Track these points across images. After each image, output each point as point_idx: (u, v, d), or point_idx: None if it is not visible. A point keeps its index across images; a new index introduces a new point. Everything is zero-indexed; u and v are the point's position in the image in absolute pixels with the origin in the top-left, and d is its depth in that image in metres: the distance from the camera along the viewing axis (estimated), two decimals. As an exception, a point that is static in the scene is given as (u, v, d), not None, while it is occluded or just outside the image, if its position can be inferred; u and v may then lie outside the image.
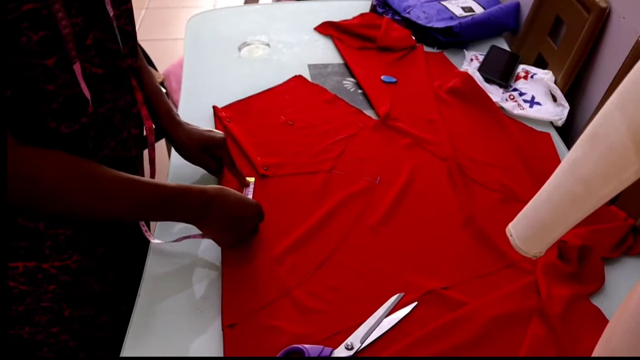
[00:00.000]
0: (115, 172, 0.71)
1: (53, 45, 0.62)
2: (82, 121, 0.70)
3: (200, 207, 0.77)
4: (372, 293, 0.82)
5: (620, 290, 0.84)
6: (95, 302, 0.85)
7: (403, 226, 0.92)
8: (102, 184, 0.70)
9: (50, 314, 0.80)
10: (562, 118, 1.14)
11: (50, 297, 0.79)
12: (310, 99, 1.17)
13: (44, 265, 0.76)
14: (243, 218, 0.83)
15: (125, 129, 0.79)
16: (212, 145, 0.94)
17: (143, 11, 3.05)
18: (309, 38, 1.37)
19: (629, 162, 0.51)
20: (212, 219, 0.79)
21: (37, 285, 0.77)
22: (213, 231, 0.81)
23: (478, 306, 0.79)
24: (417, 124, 1.12)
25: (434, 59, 1.31)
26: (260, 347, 0.74)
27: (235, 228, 0.82)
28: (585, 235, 0.88)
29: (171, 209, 0.76)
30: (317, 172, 1.00)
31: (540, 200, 0.61)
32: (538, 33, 1.31)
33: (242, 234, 0.84)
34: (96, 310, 0.85)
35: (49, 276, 0.78)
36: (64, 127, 0.69)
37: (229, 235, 0.83)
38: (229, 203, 0.80)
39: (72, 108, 0.68)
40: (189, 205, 0.77)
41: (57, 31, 0.62)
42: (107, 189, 0.70)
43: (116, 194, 0.71)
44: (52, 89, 0.65)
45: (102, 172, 0.70)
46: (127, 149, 0.81)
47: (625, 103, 0.50)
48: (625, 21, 1.05)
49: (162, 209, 0.76)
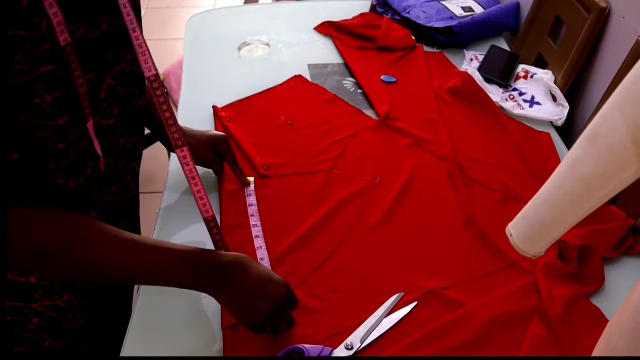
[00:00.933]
0: (113, 234, 0.65)
1: (66, 105, 0.60)
2: (88, 174, 0.67)
3: (211, 278, 0.68)
4: (372, 293, 0.81)
5: (620, 290, 0.84)
6: (77, 335, 0.82)
7: (403, 226, 0.92)
8: (96, 249, 0.63)
9: (30, 345, 0.78)
10: (562, 118, 1.14)
11: (33, 329, 0.77)
12: (310, 99, 1.17)
13: (32, 305, 0.74)
14: (264, 296, 0.69)
15: (129, 171, 0.77)
16: (217, 144, 0.93)
17: (143, 11, 3.05)
18: (309, 38, 1.37)
19: (629, 162, 0.51)
20: (227, 292, 0.69)
21: (22, 318, 0.75)
22: (228, 304, 0.70)
23: (478, 306, 0.79)
24: (417, 124, 1.12)
25: (434, 59, 1.31)
26: (260, 347, 0.74)
27: (250, 306, 0.69)
28: (585, 235, 0.88)
29: (176, 276, 0.67)
30: (317, 172, 1.00)
31: (540, 200, 0.61)
32: (538, 33, 1.31)
33: (258, 316, 0.69)
34: (75, 341, 0.82)
35: (35, 312, 0.75)
36: (71, 182, 0.65)
37: (245, 313, 0.70)
38: (248, 275, 0.69)
39: (81, 163, 0.65)
40: (198, 275, 0.68)
41: (71, 90, 0.59)
42: (103, 255, 0.64)
43: (113, 260, 0.64)
44: (62, 147, 0.62)
45: (98, 234, 0.64)
46: (129, 191, 0.79)
47: (625, 103, 0.50)
48: (625, 21, 1.05)
49: (165, 276, 0.67)
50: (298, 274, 0.83)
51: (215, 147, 0.93)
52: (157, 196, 1.00)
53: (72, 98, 0.60)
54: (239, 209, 0.92)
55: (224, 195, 0.94)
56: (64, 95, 0.59)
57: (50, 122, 0.59)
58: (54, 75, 0.57)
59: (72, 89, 0.60)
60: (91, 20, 0.61)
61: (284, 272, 0.83)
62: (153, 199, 1.83)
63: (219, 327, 0.76)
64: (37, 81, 0.56)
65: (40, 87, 0.57)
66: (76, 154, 0.64)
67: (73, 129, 0.62)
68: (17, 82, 0.55)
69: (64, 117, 0.60)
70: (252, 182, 0.96)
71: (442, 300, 0.81)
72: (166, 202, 0.94)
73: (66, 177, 0.65)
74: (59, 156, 0.63)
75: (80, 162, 0.65)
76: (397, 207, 0.95)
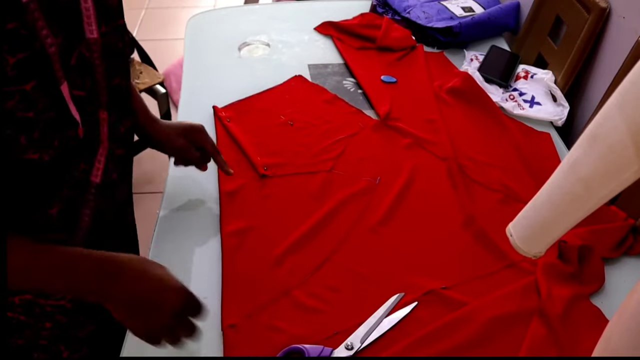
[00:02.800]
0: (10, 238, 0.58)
1: (33, 68, 0.55)
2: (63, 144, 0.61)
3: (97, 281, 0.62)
4: (372, 293, 0.82)
5: (620, 290, 0.84)
6: (92, 343, 0.81)
7: (403, 226, 0.92)
8: None
9: (48, 353, 0.76)
10: (562, 118, 1.14)
11: (48, 334, 0.76)
12: (310, 99, 1.17)
13: (40, 300, 0.73)
14: (160, 306, 0.63)
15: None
16: (192, 131, 0.89)
17: (143, 11, 3.05)
18: (309, 38, 1.37)
19: (629, 162, 0.51)
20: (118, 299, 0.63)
21: (35, 319, 0.74)
22: (122, 315, 0.64)
23: (478, 306, 0.79)
24: (417, 124, 1.12)
25: (434, 59, 1.31)
26: (260, 347, 0.74)
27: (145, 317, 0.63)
28: (585, 235, 0.88)
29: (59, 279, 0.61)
30: (317, 172, 1.00)
31: (540, 200, 0.61)
32: (538, 33, 1.31)
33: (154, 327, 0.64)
34: (92, 351, 0.81)
35: (45, 313, 0.74)
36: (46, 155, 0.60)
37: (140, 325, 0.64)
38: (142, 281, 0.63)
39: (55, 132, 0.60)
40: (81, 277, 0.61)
41: (36, 52, 0.54)
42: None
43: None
44: (32, 116, 0.57)
45: None
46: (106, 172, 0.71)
47: (625, 103, 0.50)
48: (625, 21, 1.05)
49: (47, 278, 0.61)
50: (298, 274, 0.83)
51: (189, 135, 0.89)
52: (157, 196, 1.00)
53: (39, 60, 0.55)
54: (239, 209, 0.92)
55: (223, 196, 0.94)
56: (29, 56, 0.54)
57: (16, 88, 0.54)
58: (16, 33, 0.52)
59: (39, 51, 0.55)
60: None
61: (284, 272, 0.83)
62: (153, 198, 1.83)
63: (219, 327, 0.76)
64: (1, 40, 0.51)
65: (3, 47, 0.51)
66: (48, 123, 0.59)
67: (42, 96, 0.57)
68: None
69: (31, 81, 0.55)
70: None
71: (442, 300, 0.81)
72: (166, 202, 0.94)
73: (40, 150, 0.59)
74: (29, 127, 0.57)
75: (54, 131, 0.60)
76: (397, 207, 0.95)
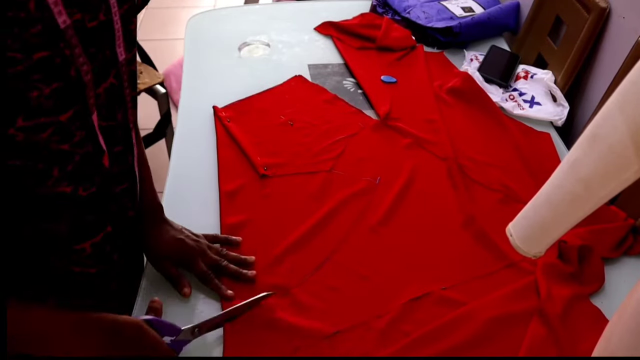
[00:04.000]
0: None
1: (67, 98, 0.54)
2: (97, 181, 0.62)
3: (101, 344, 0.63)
4: (372, 293, 0.82)
5: (620, 290, 0.84)
6: None
7: (403, 226, 0.92)
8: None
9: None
10: (562, 118, 1.14)
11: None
12: (310, 99, 1.17)
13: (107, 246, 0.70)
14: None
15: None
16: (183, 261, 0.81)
17: (143, 11, 3.05)
18: (309, 38, 1.37)
19: (629, 162, 0.51)
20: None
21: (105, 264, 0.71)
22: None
23: (478, 306, 0.79)
24: (417, 124, 1.12)
25: (434, 59, 1.31)
26: (260, 346, 0.74)
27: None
28: (585, 235, 0.88)
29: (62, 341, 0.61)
30: (317, 172, 1.00)
31: (540, 200, 0.61)
32: (538, 33, 1.31)
33: None
34: None
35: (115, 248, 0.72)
36: (81, 189, 0.61)
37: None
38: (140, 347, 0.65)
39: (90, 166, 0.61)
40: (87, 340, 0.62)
41: (70, 81, 0.54)
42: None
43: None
44: (67, 149, 0.57)
45: None
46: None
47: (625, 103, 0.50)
48: (625, 21, 1.05)
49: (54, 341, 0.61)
50: (298, 273, 0.83)
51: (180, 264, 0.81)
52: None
53: (74, 90, 0.55)
54: (239, 209, 0.92)
55: (223, 196, 0.94)
56: (64, 86, 0.53)
57: (51, 119, 0.54)
58: (50, 62, 0.51)
59: (74, 79, 0.54)
60: (89, 7, 0.55)
61: (284, 272, 0.83)
62: (153, 199, 1.84)
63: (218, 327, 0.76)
64: (32, 70, 0.50)
65: (36, 77, 0.50)
66: (83, 157, 0.59)
67: (77, 128, 0.57)
68: (12, 72, 0.49)
69: (67, 112, 0.54)
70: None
71: (442, 300, 0.81)
72: (166, 202, 0.94)
73: (74, 184, 0.60)
74: (63, 160, 0.57)
75: (90, 166, 0.60)
76: (397, 207, 0.95)
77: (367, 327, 0.77)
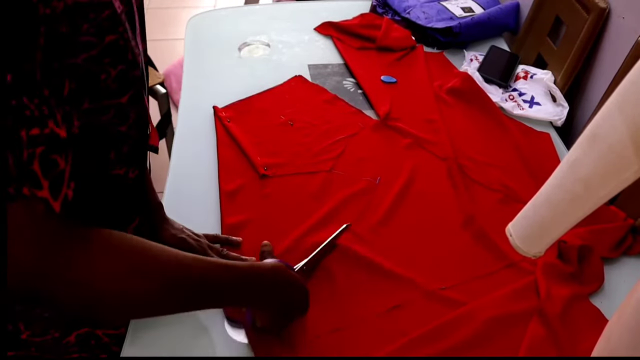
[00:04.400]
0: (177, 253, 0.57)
1: (128, 79, 0.55)
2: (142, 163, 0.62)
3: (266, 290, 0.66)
4: (372, 292, 0.82)
5: (620, 290, 0.85)
6: None
7: (403, 226, 0.92)
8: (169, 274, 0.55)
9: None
10: (561, 118, 1.14)
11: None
12: (310, 99, 1.17)
13: (98, 331, 0.71)
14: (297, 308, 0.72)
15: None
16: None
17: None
18: (309, 38, 1.37)
19: (628, 162, 0.51)
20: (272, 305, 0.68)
21: (90, 352, 0.72)
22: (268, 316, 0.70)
23: (478, 306, 0.79)
24: (417, 124, 1.12)
25: (433, 59, 1.31)
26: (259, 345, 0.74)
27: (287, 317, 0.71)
28: (585, 235, 0.88)
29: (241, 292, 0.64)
30: (317, 172, 1.00)
31: (539, 200, 0.61)
32: (538, 33, 1.31)
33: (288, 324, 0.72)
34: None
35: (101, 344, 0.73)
36: (131, 172, 0.60)
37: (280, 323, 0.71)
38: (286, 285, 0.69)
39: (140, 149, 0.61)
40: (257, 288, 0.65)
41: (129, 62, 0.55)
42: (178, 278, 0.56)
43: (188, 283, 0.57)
44: (124, 131, 0.57)
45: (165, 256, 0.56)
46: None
47: (625, 103, 0.50)
48: (625, 21, 1.05)
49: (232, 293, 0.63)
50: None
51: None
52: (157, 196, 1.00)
53: (132, 71, 0.56)
54: (239, 209, 0.92)
55: (223, 196, 0.94)
56: (126, 69, 0.54)
57: (113, 102, 0.54)
58: (117, 46, 0.52)
59: (131, 62, 0.55)
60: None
61: (284, 272, 0.83)
62: (153, 199, 1.84)
63: (219, 327, 0.76)
64: (104, 53, 0.51)
65: (106, 60, 0.52)
66: (135, 140, 0.59)
67: (133, 108, 0.57)
68: (85, 57, 0.49)
69: (127, 93, 0.55)
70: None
71: (442, 300, 0.81)
72: (166, 202, 0.94)
73: (127, 166, 0.59)
74: (120, 142, 0.57)
75: (139, 148, 0.60)
76: (397, 207, 0.95)
77: (366, 326, 0.77)
